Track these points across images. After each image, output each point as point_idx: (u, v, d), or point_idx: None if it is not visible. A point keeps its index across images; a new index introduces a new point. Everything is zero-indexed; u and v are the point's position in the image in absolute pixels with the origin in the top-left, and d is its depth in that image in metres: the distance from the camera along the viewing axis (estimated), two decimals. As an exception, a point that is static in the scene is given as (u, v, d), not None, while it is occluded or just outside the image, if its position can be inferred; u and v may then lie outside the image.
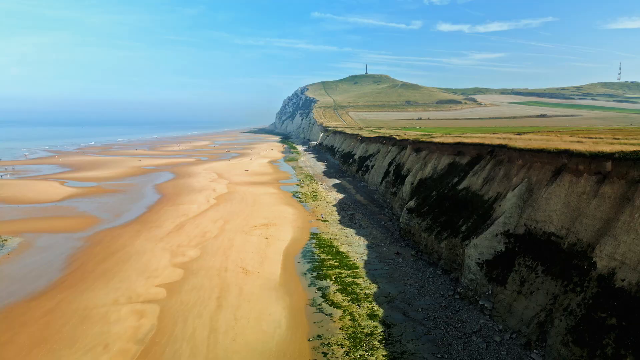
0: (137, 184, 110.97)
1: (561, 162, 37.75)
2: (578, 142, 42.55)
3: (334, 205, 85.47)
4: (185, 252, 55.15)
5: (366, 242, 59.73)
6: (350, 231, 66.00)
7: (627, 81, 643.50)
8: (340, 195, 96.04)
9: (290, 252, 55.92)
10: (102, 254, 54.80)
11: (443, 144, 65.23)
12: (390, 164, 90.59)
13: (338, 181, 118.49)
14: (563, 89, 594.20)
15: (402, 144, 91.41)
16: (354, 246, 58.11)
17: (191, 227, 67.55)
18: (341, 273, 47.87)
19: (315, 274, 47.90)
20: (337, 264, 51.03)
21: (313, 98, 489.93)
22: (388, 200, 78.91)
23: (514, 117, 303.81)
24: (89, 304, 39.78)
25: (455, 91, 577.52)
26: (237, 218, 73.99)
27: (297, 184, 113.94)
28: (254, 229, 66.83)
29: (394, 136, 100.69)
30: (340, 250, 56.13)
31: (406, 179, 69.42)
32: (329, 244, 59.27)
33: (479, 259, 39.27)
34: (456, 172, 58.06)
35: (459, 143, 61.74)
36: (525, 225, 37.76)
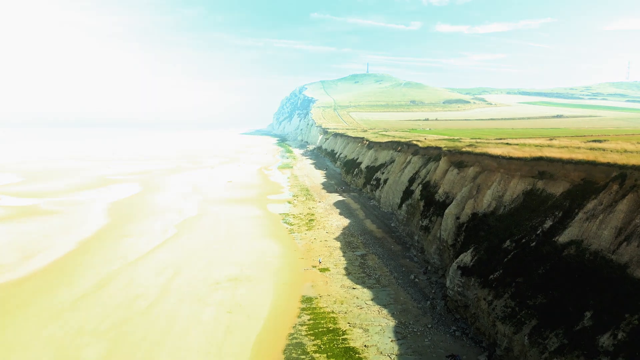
0: (86, 202, 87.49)
1: None
2: None
3: (337, 238, 62.06)
4: (79, 351, 31.70)
5: (392, 323, 36.23)
6: (364, 293, 42.60)
7: (635, 81, 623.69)
8: (345, 221, 72.52)
9: (265, 350, 32.44)
10: (-64, 353, 31.44)
11: (510, 158, 41.79)
12: (412, 181, 67.17)
13: (340, 197, 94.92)
14: (572, 88, 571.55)
15: (427, 153, 68.07)
16: (372, 332, 34.70)
17: (119, 285, 44.12)
18: (356, 421, 24.45)
19: (305, 421, 24.51)
20: (346, 386, 27.63)
21: (312, 98, 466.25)
22: (416, 237, 55.28)
23: (529, 118, 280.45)
24: None
25: (460, 91, 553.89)
26: (195, 263, 50.66)
27: (289, 202, 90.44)
28: (215, 288, 43.44)
29: (415, 142, 77.27)
30: (351, 345, 32.71)
31: (447, 210, 45.99)
32: (331, 325, 35.87)
33: None
34: (543, 208, 34.65)
35: (540, 158, 38.37)
36: None
